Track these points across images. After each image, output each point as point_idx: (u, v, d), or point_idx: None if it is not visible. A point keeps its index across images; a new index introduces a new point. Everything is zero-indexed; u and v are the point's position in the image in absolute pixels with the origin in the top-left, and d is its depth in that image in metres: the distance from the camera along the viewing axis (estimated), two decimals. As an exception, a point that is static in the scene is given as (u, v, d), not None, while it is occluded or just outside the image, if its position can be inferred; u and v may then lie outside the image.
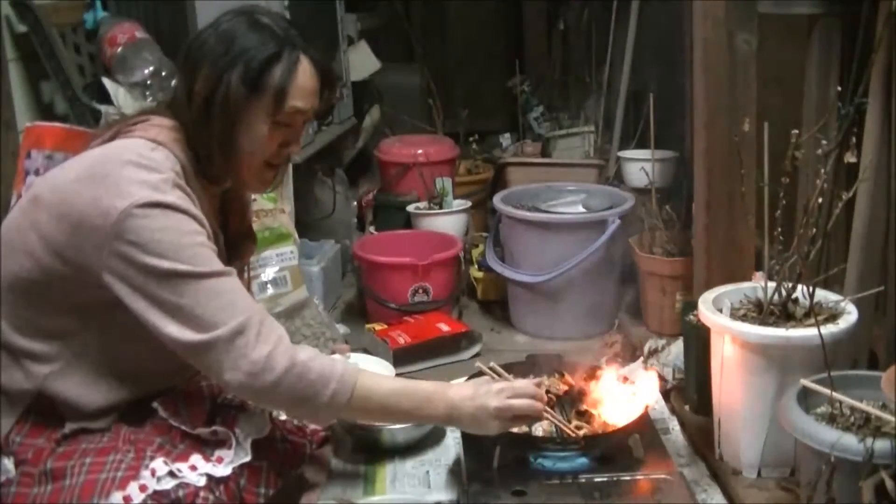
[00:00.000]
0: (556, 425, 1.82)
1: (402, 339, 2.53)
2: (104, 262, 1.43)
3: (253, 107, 1.53)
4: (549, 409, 1.76)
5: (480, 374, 1.86)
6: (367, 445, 2.06)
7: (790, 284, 1.78)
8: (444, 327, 2.63)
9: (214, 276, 1.46)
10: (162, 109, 1.63)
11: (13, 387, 1.54)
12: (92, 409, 1.55)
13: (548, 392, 1.93)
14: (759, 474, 1.81)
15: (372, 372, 1.66)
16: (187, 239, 1.45)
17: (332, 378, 1.52)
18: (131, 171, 1.46)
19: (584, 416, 1.85)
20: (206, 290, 1.45)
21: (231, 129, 1.54)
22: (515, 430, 1.82)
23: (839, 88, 1.96)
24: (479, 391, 1.66)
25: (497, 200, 2.89)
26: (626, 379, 1.98)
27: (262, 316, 1.49)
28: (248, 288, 1.95)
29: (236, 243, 1.77)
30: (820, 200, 1.72)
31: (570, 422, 1.84)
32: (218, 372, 1.47)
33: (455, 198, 3.32)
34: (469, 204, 3.33)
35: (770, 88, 2.29)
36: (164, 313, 1.43)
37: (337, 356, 1.83)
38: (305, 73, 1.57)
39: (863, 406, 1.52)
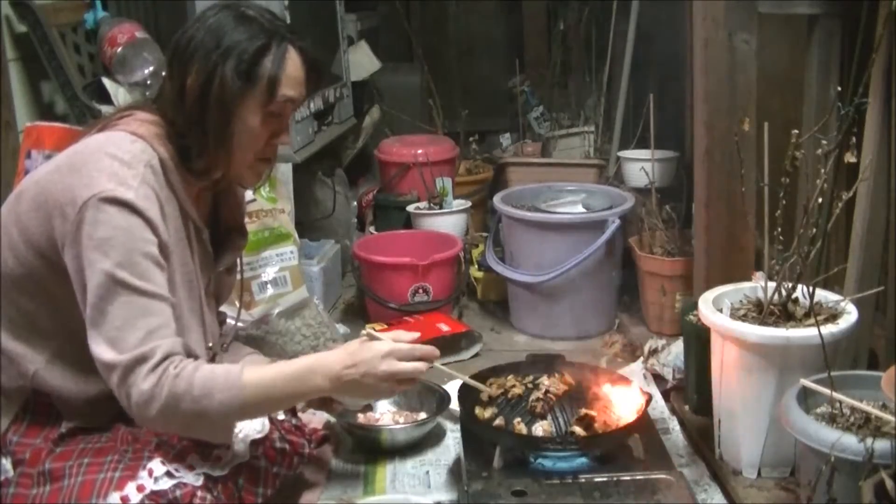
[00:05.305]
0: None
1: (402, 339, 2.53)
2: (66, 250, 1.44)
3: (247, 98, 1.55)
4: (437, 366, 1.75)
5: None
6: (366, 445, 2.06)
7: (790, 284, 1.78)
8: (444, 327, 2.63)
9: (147, 296, 1.44)
10: (147, 105, 1.64)
11: (8, 384, 1.54)
12: (83, 400, 1.55)
13: (547, 392, 1.94)
14: (759, 474, 1.81)
15: (252, 366, 1.59)
16: (137, 245, 1.44)
17: (215, 388, 1.46)
18: (105, 161, 1.47)
19: (585, 420, 1.85)
20: (134, 306, 1.43)
21: (227, 121, 1.55)
22: (515, 430, 1.83)
23: (839, 88, 1.95)
24: (362, 357, 1.58)
25: (497, 200, 2.89)
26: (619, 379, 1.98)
27: (169, 349, 1.44)
28: (241, 284, 1.96)
29: (226, 237, 1.78)
30: (820, 200, 1.72)
31: (571, 426, 1.84)
32: (116, 395, 1.45)
33: (455, 198, 3.31)
34: (469, 204, 3.32)
35: (770, 88, 2.29)
36: (93, 314, 1.42)
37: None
38: (294, 63, 1.59)
39: (863, 406, 1.52)
